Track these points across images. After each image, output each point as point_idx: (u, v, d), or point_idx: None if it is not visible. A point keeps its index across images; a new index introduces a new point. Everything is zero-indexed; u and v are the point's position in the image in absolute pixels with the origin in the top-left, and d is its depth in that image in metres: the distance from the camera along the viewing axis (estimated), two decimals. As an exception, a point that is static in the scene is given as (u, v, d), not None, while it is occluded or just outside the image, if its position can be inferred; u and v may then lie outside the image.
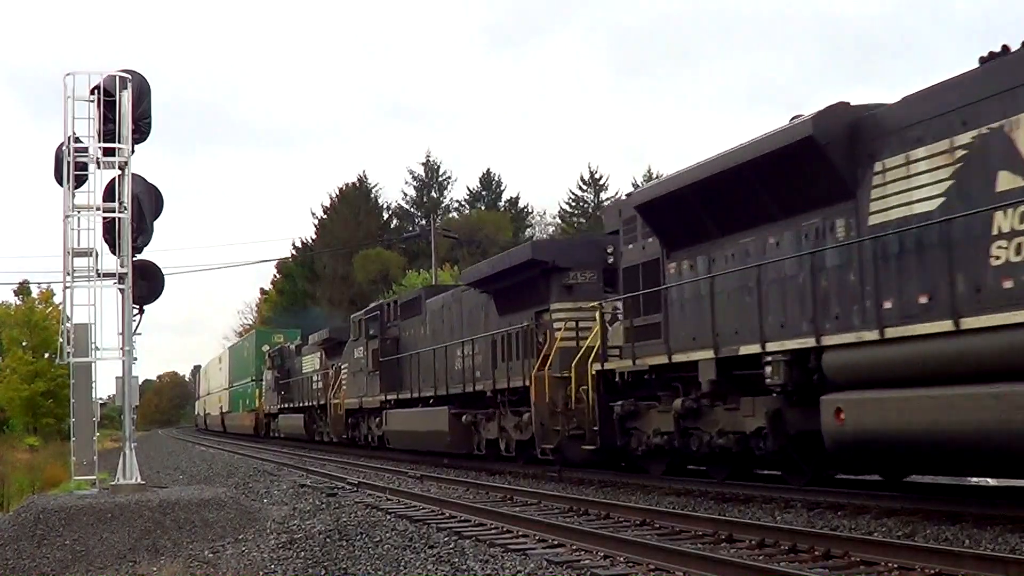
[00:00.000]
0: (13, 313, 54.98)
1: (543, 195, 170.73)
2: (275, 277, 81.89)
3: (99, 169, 13.20)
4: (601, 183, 77.73)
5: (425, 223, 54.35)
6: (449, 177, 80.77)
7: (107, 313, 13.05)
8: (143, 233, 13.51)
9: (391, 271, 61.69)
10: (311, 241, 76.88)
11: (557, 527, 10.61)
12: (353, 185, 76.03)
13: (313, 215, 77.37)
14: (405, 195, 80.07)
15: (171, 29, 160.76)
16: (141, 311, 13.53)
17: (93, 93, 13.07)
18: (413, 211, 78.09)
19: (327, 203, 76.12)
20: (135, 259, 13.26)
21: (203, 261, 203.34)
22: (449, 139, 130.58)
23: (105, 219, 13.17)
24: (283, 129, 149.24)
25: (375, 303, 31.85)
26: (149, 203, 13.66)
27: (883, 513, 10.65)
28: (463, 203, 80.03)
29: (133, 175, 13.31)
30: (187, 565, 9.93)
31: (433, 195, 79.64)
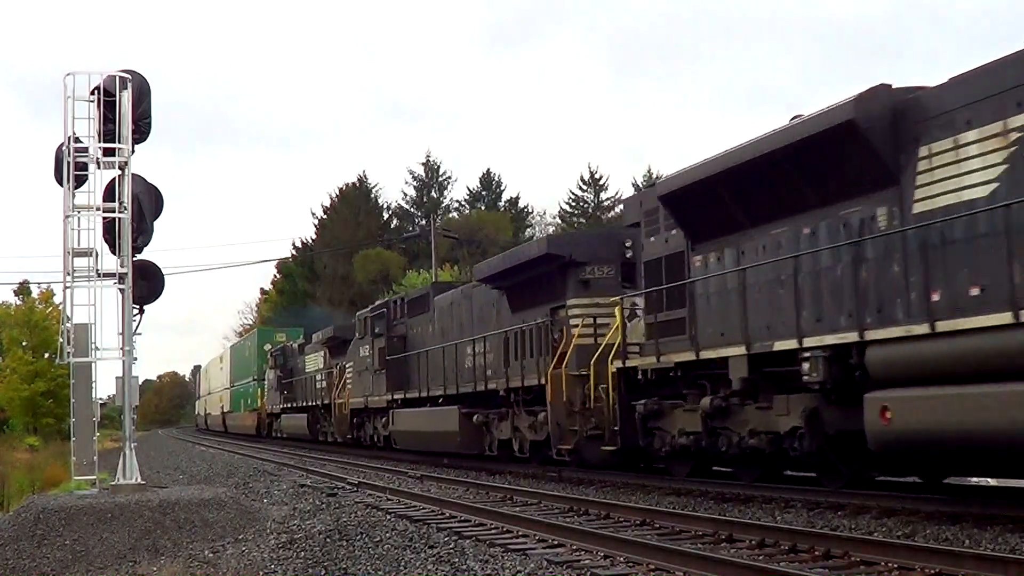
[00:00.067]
0: (13, 313, 54.92)
1: (543, 195, 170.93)
2: (275, 277, 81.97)
3: (99, 169, 13.22)
4: (601, 183, 77.83)
5: (425, 223, 54.34)
6: (449, 177, 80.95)
7: (107, 313, 13.09)
8: (143, 233, 13.52)
9: (391, 271, 61.67)
10: (311, 241, 76.94)
11: (557, 527, 10.61)
12: (353, 185, 76.08)
13: (313, 215, 77.57)
14: (405, 195, 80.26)
15: (171, 29, 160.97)
16: (141, 311, 13.55)
17: (93, 93, 13.08)
18: (413, 211, 78.11)
19: (327, 203, 76.28)
20: (135, 259, 13.27)
21: (203, 261, 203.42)
22: (449, 139, 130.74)
23: (105, 219, 13.18)
24: (283, 129, 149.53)
25: (381, 300, 31.11)
26: (149, 203, 13.67)
27: (883, 513, 10.64)
28: (463, 203, 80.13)
29: (133, 175, 13.32)
30: (187, 565, 9.93)
31: (433, 195, 79.68)
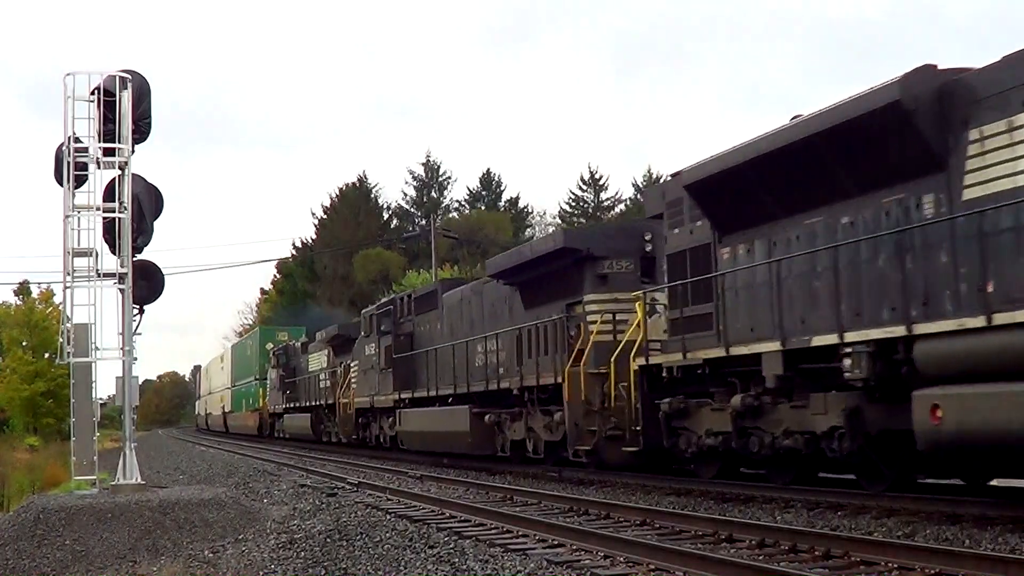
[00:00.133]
0: (13, 313, 54.96)
1: (543, 195, 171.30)
2: (275, 277, 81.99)
3: (99, 169, 13.23)
4: (601, 183, 77.97)
5: (425, 223, 54.35)
6: (449, 177, 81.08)
7: (107, 313, 13.11)
8: (143, 233, 13.52)
9: (391, 271, 61.68)
10: (311, 241, 76.97)
11: (557, 527, 10.60)
12: (353, 185, 76.10)
13: (313, 215, 77.63)
14: (405, 195, 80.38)
15: (171, 29, 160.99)
16: (141, 311, 13.56)
17: (93, 93, 13.08)
18: (413, 211, 78.19)
19: (327, 203, 76.32)
20: (135, 259, 13.27)
21: (203, 261, 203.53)
22: (449, 139, 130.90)
23: (105, 219, 13.19)
24: (283, 129, 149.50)
25: (387, 298, 30.62)
26: (149, 203, 13.68)
27: (883, 513, 10.65)
28: (463, 203, 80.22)
29: (133, 175, 13.33)
30: (187, 565, 9.94)
31: (433, 195, 79.75)
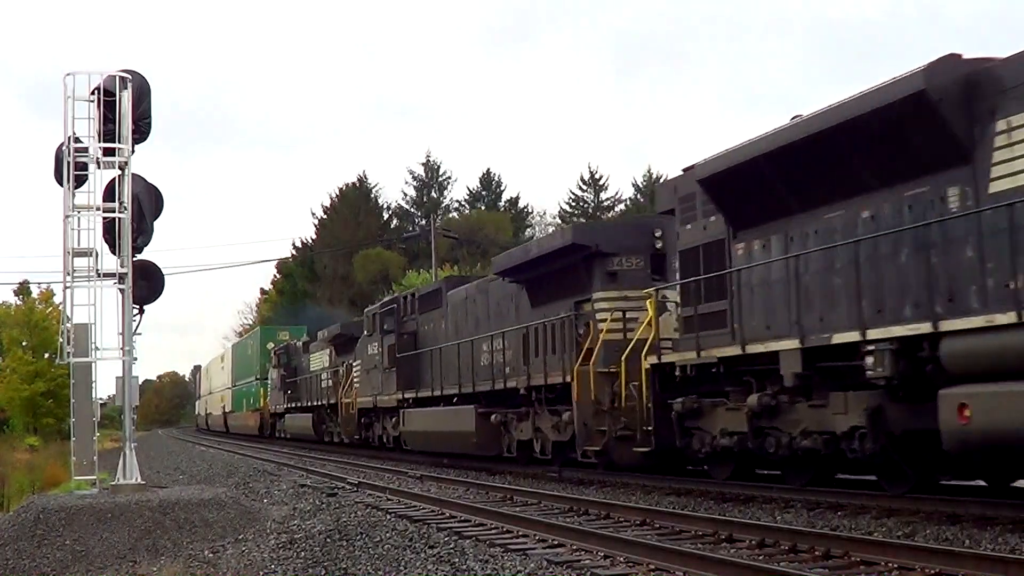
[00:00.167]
0: (13, 313, 55.01)
1: (543, 195, 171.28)
2: (275, 277, 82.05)
3: (99, 169, 13.23)
4: (601, 183, 78.00)
5: (425, 223, 54.36)
6: (449, 177, 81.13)
7: (107, 313, 13.11)
8: (143, 233, 13.53)
9: (391, 271, 61.70)
10: (311, 241, 77.00)
11: (557, 527, 10.60)
12: (353, 185, 76.14)
13: (313, 215, 77.68)
14: (405, 195, 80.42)
15: (171, 29, 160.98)
16: (141, 311, 13.56)
17: (93, 93, 13.08)
18: (413, 211, 78.22)
19: (327, 203, 76.39)
20: (135, 259, 13.28)
21: (203, 261, 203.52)
22: (449, 139, 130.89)
23: (105, 219, 13.19)
24: (283, 129, 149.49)
25: (390, 296, 30.41)
26: (149, 203, 13.68)
27: (883, 513, 10.65)
28: (463, 203, 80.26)
29: (133, 175, 13.33)
30: (187, 565, 9.94)
31: (433, 195, 79.78)
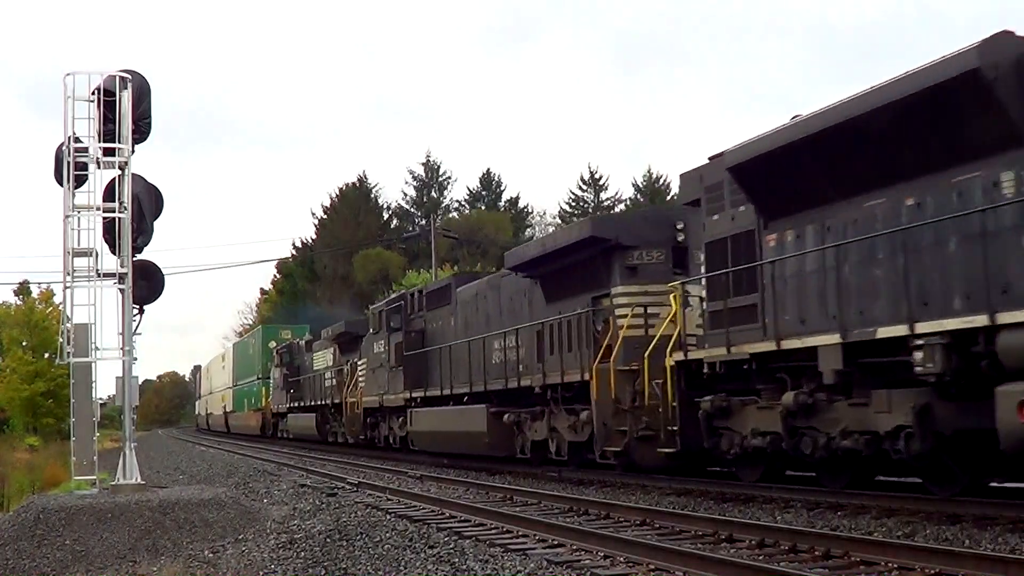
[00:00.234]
0: (13, 313, 54.99)
1: (543, 195, 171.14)
2: (275, 277, 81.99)
3: (99, 169, 13.23)
4: (601, 183, 77.93)
5: (425, 223, 54.36)
6: (449, 177, 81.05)
7: (107, 313, 13.10)
8: (143, 233, 13.53)
9: (391, 271, 61.69)
10: (311, 241, 77.00)
11: (557, 527, 10.60)
12: (353, 185, 76.12)
13: (313, 215, 77.63)
14: (405, 195, 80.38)
15: (171, 29, 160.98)
16: (141, 311, 13.56)
17: (94, 94, 13.08)
18: (413, 211, 78.20)
19: (327, 203, 76.34)
20: (135, 259, 13.27)
21: (203, 261, 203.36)
22: (449, 139, 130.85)
23: (105, 219, 13.18)
24: (283, 129, 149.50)
25: (397, 293, 30.09)
26: (149, 203, 13.68)
27: (883, 513, 10.65)
28: (463, 203, 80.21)
29: (133, 175, 13.33)
30: (187, 565, 9.93)
31: (433, 195, 79.76)
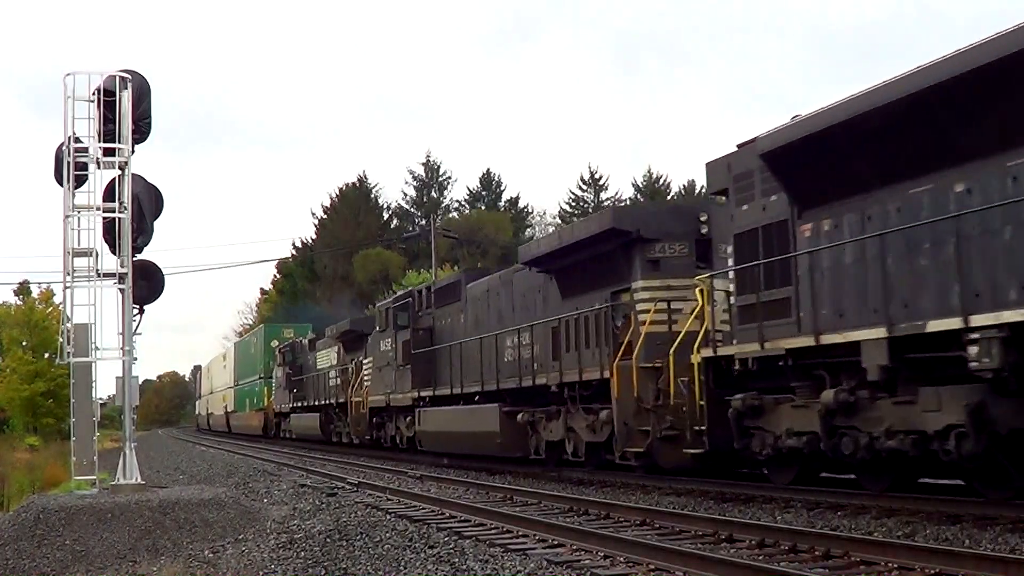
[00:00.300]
0: (13, 313, 54.99)
1: (543, 195, 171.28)
2: (275, 277, 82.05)
3: (99, 169, 13.23)
4: (601, 183, 78.04)
5: (425, 223, 54.34)
6: (449, 177, 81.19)
7: (107, 313, 13.11)
8: (143, 233, 13.53)
9: (391, 271, 61.72)
10: (311, 241, 77.04)
11: (557, 527, 10.60)
12: (353, 185, 76.21)
13: (313, 215, 77.79)
14: (405, 195, 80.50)
15: (170, 29, 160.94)
16: (141, 311, 13.56)
17: (94, 94, 13.08)
18: (413, 211, 78.27)
19: (327, 203, 76.51)
20: (135, 259, 13.27)
21: (203, 261, 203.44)
22: (449, 139, 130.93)
23: (105, 219, 13.19)
24: (283, 129, 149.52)
25: (404, 290, 29.67)
26: (149, 203, 13.68)
27: (883, 513, 10.64)
28: (463, 203, 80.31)
29: (133, 175, 13.33)
30: (187, 565, 9.93)
31: (433, 195, 79.84)
